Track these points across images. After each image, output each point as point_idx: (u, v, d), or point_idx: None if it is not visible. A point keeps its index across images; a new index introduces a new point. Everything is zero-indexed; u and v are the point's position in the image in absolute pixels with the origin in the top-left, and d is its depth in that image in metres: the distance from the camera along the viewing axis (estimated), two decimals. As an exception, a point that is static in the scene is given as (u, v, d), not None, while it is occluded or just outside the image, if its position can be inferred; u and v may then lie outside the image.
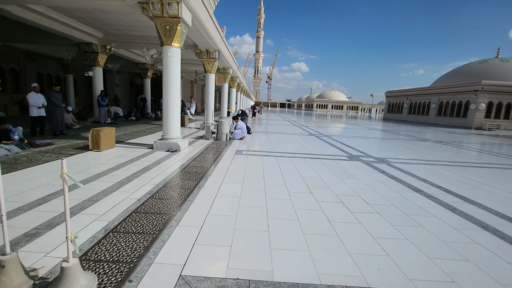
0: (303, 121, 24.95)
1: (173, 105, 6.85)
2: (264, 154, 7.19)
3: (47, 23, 8.93)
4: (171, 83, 6.73)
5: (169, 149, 6.80)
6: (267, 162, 6.20)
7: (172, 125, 6.93)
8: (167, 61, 6.65)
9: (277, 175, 5.05)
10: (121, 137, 8.43)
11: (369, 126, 23.30)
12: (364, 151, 8.62)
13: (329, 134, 13.84)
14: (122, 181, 4.16)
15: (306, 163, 6.33)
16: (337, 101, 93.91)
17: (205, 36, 9.29)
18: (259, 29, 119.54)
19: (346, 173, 5.50)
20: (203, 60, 11.83)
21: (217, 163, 5.78)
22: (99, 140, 6.10)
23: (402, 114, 38.54)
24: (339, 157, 7.34)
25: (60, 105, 7.66)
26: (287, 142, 9.67)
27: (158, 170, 4.94)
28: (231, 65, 16.77)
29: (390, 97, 42.42)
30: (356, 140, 11.57)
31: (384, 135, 15.31)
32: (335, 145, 9.57)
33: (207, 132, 9.20)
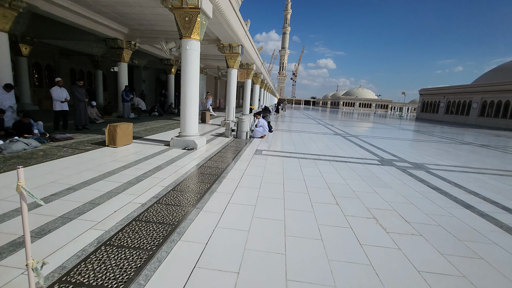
0: (328, 120, 23.91)
1: (191, 101, 6.55)
2: (285, 155, 6.67)
3: (74, 18, 9.06)
4: (189, 78, 6.43)
5: (185, 147, 6.52)
6: (288, 164, 5.68)
7: (189, 121, 6.65)
8: (186, 54, 6.34)
9: (298, 181, 4.53)
10: (140, 133, 8.35)
11: (401, 126, 21.72)
12: (397, 154, 7.76)
13: (356, 134, 12.93)
14: (130, 181, 3.89)
15: (332, 166, 5.72)
16: (365, 99, 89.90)
17: (227, 30, 8.90)
18: (286, 25, 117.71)
19: (378, 181, 4.83)
20: (226, 55, 11.49)
21: (234, 164, 5.37)
22: (115, 136, 5.96)
23: (438, 114, 35.72)
24: (369, 160, 6.62)
25: (83, 99, 7.70)
26: (310, 142, 9.05)
27: (171, 170, 4.63)
28: (255, 60, 16.31)
29: (425, 95, 39.52)
30: (387, 142, 10.62)
31: (418, 136, 14.03)
32: (364, 147, 8.77)
33: (227, 129, 8.85)
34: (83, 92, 7.74)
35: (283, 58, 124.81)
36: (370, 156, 7.19)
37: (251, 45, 13.70)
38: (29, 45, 12.80)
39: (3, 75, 7.10)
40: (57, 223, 2.57)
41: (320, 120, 22.11)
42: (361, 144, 9.33)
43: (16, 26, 11.66)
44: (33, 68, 16.75)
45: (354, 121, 24.18)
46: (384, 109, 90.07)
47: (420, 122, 30.22)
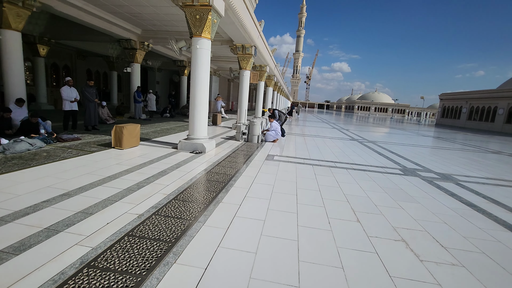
0: (343, 124, 23.20)
1: (201, 102, 6.26)
2: (299, 161, 6.25)
3: (88, 19, 9.05)
4: (199, 78, 6.15)
5: (193, 150, 6.23)
6: (302, 171, 5.26)
7: (198, 124, 6.36)
8: (196, 54, 6.07)
9: (313, 191, 4.11)
10: (149, 135, 8.16)
11: (420, 132, 20.71)
12: (420, 163, 7.16)
13: (374, 139, 12.29)
14: (131, 187, 3.60)
15: (349, 175, 5.25)
16: (382, 104, 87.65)
17: (240, 30, 8.61)
18: (300, 28, 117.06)
19: (403, 194, 4.33)
20: (238, 56, 11.21)
21: (243, 170, 5.01)
22: (121, 138, 5.75)
23: (460, 120, 34.05)
24: (390, 169, 6.09)
25: (93, 100, 7.59)
26: (325, 148, 8.57)
27: (176, 175, 4.33)
28: (268, 62, 15.98)
29: (446, 100, 37.86)
30: (408, 149, 9.96)
31: (440, 143, 13.19)
32: (383, 154, 8.20)
33: (238, 132, 8.52)
34: (93, 92, 7.63)
35: (297, 61, 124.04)
36: (390, 165, 6.64)
37: (265, 47, 13.38)
38: (47, 46, 13.04)
39: (16, 74, 7.08)
40: (41, 237, 2.28)
41: (335, 124, 21.46)
42: (380, 151, 8.75)
43: (34, 27, 11.90)
44: (51, 68, 17.14)
45: (371, 126, 23.34)
46: (401, 114, 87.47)
47: (440, 128, 28.86)
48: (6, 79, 6.99)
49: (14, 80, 7.04)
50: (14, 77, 7.03)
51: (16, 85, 7.07)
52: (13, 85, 7.04)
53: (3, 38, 6.76)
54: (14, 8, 6.74)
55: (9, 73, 6.99)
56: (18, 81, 7.11)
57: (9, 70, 6.98)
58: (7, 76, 6.98)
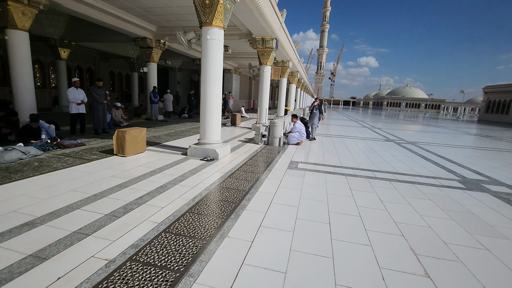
0: (373, 122, 21.40)
1: (212, 101, 5.44)
2: (328, 169, 5.20)
3: (100, 16, 8.64)
4: (210, 74, 5.32)
5: (205, 157, 5.43)
6: (334, 185, 4.23)
7: (209, 127, 5.54)
8: (206, 45, 5.25)
9: (351, 217, 3.08)
10: (161, 138, 7.52)
11: (464, 129, 18.41)
12: (481, 171, 5.77)
13: (413, 140, 10.76)
14: (115, 212, 2.84)
15: (395, 190, 4.12)
16: (413, 99, 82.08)
17: (259, 19, 7.68)
18: (324, 23, 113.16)
19: (478, 222, 3.16)
20: (258, 50, 10.29)
21: (260, 184, 4.10)
22: (123, 144, 5.09)
23: (508, 115, 30.34)
24: (445, 181, 4.83)
25: (102, 101, 7.10)
26: (358, 151, 7.38)
27: (176, 192, 3.52)
28: (291, 57, 14.89)
29: (490, 94, 34.04)
30: (458, 151, 8.42)
31: (494, 143, 11.29)
32: (430, 159, 6.85)
33: (257, 134, 7.62)
34: (102, 94, 7.14)
35: (321, 57, 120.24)
36: (444, 174, 5.36)
37: (287, 39, 12.32)
38: (67, 49, 13.05)
39: (23, 75, 6.75)
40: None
41: (364, 122, 19.80)
42: (425, 155, 7.38)
43: (55, 30, 11.89)
44: (75, 71, 17.41)
45: (404, 124, 21.29)
46: (436, 109, 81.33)
47: (485, 124, 25.80)
48: (14, 83, 6.68)
49: (22, 83, 6.70)
50: (22, 80, 6.69)
51: (24, 88, 6.73)
52: (21, 88, 6.72)
53: (9, 38, 6.42)
54: (19, 7, 6.38)
55: (17, 76, 6.66)
56: (26, 84, 6.76)
57: (16, 72, 6.65)
58: (15, 79, 6.66)
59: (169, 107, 13.32)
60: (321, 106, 9.46)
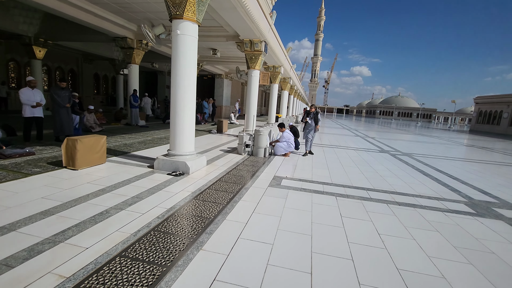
0: (366, 130, 20.92)
1: (184, 107, 4.69)
2: (316, 187, 4.48)
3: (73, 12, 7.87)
4: (181, 75, 4.59)
5: (174, 171, 4.65)
6: (321, 210, 3.50)
7: (180, 135, 4.77)
8: (177, 41, 4.53)
9: (340, 260, 2.34)
10: (133, 146, 6.71)
11: (457, 139, 18.03)
12: (488, 190, 5.14)
13: (409, 151, 10.17)
14: (12, 258, 2.04)
15: (394, 217, 3.42)
16: (406, 108, 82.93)
17: (244, 18, 7.04)
18: (319, 32, 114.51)
19: (501, 266, 2.46)
20: (246, 53, 9.64)
21: (231, 207, 3.34)
22: (74, 155, 4.28)
23: (500, 126, 30.36)
24: (450, 203, 4.16)
25: (64, 105, 6.27)
26: (351, 165, 6.70)
27: (116, 223, 2.73)
28: (282, 62, 14.31)
29: (481, 104, 34.18)
30: (458, 165, 7.83)
31: (492, 156, 10.79)
32: (430, 174, 6.21)
33: (240, 144, 6.88)
34: (65, 96, 6.31)
35: (315, 65, 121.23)
36: (447, 193, 4.69)
37: (278, 44, 11.73)
38: (43, 48, 12.18)
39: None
40: None
41: (357, 131, 19.28)
42: (423, 169, 6.75)
43: (29, 27, 11.05)
44: (55, 72, 16.49)
45: (398, 133, 20.87)
46: (427, 119, 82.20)
47: (477, 135, 25.64)
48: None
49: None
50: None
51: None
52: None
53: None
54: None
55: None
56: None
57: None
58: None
59: (147, 111, 12.52)
60: (317, 115, 7.47)
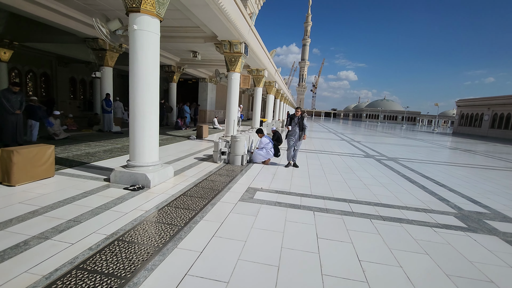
0: (352, 134, 20.80)
1: (144, 110, 4.15)
2: (293, 200, 4.02)
3: (32, 9, 7.20)
4: (140, 75, 4.06)
5: (132, 184, 4.08)
6: (295, 229, 3.02)
7: (140, 143, 4.22)
8: (134, 38, 4.00)
9: (311, 303, 1.87)
10: (96, 155, 6.07)
11: (441, 142, 18.13)
12: (476, 198, 4.83)
13: (394, 155, 9.93)
14: None
15: (378, 236, 2.99)
16: (391, 111, 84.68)
17: (219, 17, 6.59)
18: (306, 37, 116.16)
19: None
20: (225, 55, 9.20)
21: (188, 230, 2.81)
22: (10, 168, 3.65)
23: (481, 128, 31.13)
24: (438, 216, 3.79)
25: (14, 111, 5.58)
26: (334, 171, 6.30)
27: (34, 258, 2.16)
28: (266, 66, 13.95)
29: (463, 107, 35.04)
30: (443, 170, 7.58)
31: (477, 159, 10.71)
32: (416, 181, 5.88)
33: (215, 151, 6.36)
34: (16, 101, 5.63)
35: (303, 70, 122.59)
36: (436, 204, 4.33)
37: (260, 46, 11.35)
38: (9, 49, 11.32)
39: None
40: None
41: (343, 135, 19.10)
42: (409, 176, 6.43)
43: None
44: (26, 75, 15.50)
45: (383, 136, 20.87)
46: (412, 121, 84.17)
47: (460, 137, 26.10)
48: None
49: None
50: None
51: None
52: None
53: None
54: None
55: None
56: None
57: None
58: None
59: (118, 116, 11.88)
60: (302, 120, 6.14)
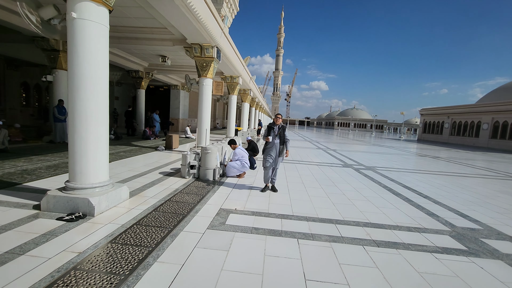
0: (327, 142, 20.88)
1: (86, 119, 3.33)
2: (273, 225, 3.40)
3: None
4: (81, 74, 3.26)
5: (71, 212, 3.22)
6: (276, 269, 2.40)
7: (82, 159, 3.37)
8: (73, 29, 3.22)
9: None
10: (35, 173, 5.01)
11: (410, 149, 18.75)
12: (463, 210, 4.58)
13: (371, 164, 9.78)
14: None
15: (377, 271, 2.46)
16: (361, 119, 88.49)
17: (187, 16, 5.95)
18: (279, 48, 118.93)
19: None
20: (196, 59, 8.52)
21: (134, 281, 2.07)
22: None
23: (443, 135, 33.17)
24: (433, 236, 3.39)
25: None
26: (315, 185, 5.83)
27: None
28: (240, 72, 13.46)
29: (426, 116, 37.25)
30: (420, 178, 7.45)
31: (448, 166, 10.95)
32: (399, 193, 5.57)
33: (183, 165, 5.59)
34: None
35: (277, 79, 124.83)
36: (425, 220, 3.96)
37: (233, 51, 10.83)
38: None
39: None
40: None
41: (319, 143, 19.06)
42: (390, 186, 6.14)
43: None
44: (-36, 80, 13.53)
45: (356, 144, 21.20)
46: (380, 129, 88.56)
47: (426, 144, 27.47)
48: None
49: None
50: None
51: None
52: None
53: None
54: None
55: None
56: None
57: None
58: None
59: None
60: (283, 131, 4.91)
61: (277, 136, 4.91)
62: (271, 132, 4.91)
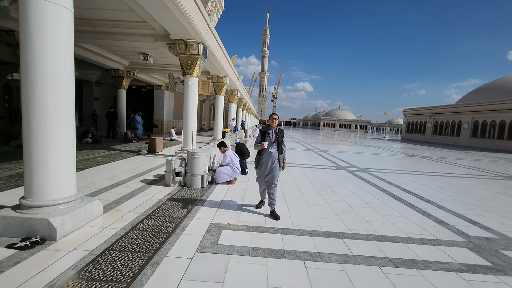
0: (316, 143, 20.69)
1: (46, 121, 2.75)
2: (274, 243, 2.94)
3: None
4: (36, 66, 2.67)
5: (26, 237, 2.62)
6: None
7: (41, 171, 2.77)
8: (26, 11, 2.63)
9: None
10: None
11: (397, 149, 18.90)
12: (473, 217, 4.32)
13: (364, 166, 9.53)
14: None
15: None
16: (346, 120, 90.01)
17: (169, 6, 5.39)
18: (265, 49, 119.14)
19: None
20: (180, 57, 7.94)
21: None
22: None
23: (425, 135, 34.02)
24: (450, 249, 3.05)
25: None
26: (312, 191, 5.41)
27: None
28: (227, 72, 12.94)
29: (409, 116, 38.13)
30: (416, 180, 7.24)
31: (439, 166, 10.92)
32: (400, 197, 5.27)
33: (167, 172, 5.02)
34: None
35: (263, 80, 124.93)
36: (440, 232, 3.63)
37: (220, 49, 10.31)
38: None
39: None
40: None
41: (308, 144, 18.81)
42: (390, 190, 5.83)
43: None
44: None
45: (345, 145, 21.16)
46: (364, 129, 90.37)
47: (410, 143, 27.99)
48: None
49: None
50: None
51: None
52: None
53: None
54: None
55: None
56: None
57: None
58: None
59: None
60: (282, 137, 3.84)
61: (273, 144, 3.80)
62: (266, 138, 3.79)
